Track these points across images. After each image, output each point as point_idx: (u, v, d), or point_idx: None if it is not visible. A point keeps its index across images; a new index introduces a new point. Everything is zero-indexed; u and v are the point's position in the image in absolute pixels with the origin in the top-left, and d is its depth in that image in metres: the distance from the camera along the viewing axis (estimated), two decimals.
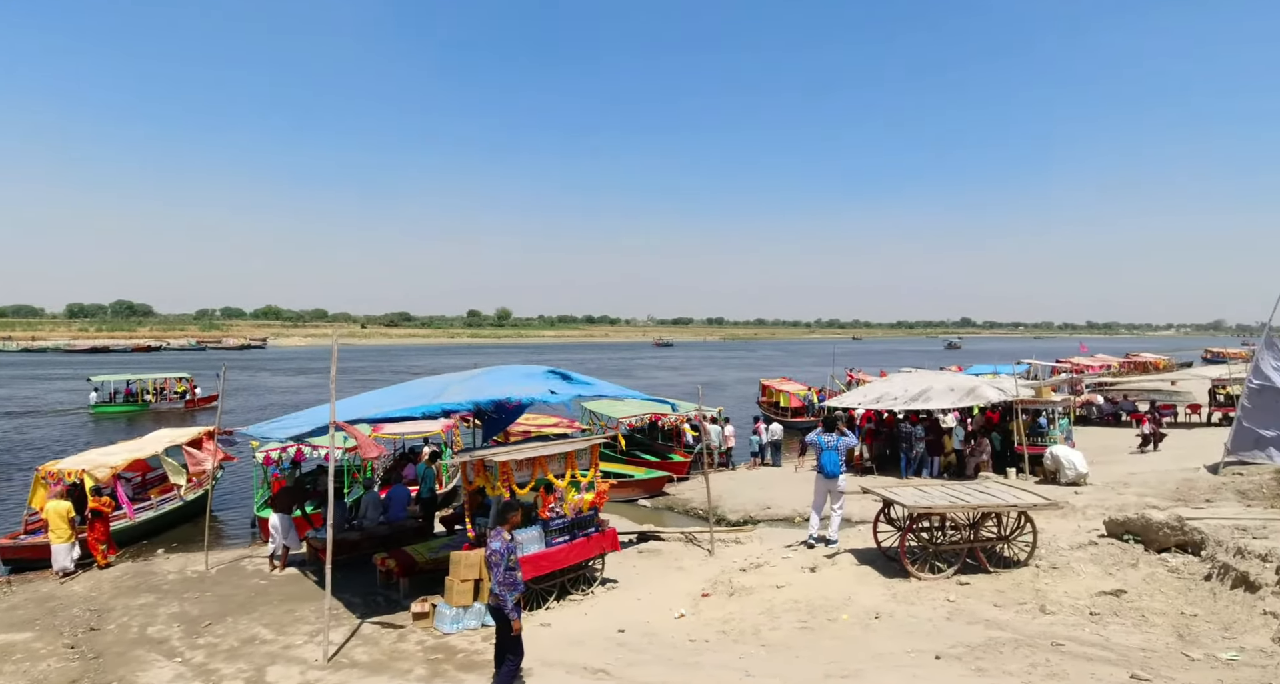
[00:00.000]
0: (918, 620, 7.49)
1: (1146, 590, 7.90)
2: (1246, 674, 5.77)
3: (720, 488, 17.66)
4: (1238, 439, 14.75)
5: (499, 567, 6.09)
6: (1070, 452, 15.69)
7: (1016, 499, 8.96)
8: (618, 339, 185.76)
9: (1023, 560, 8.96)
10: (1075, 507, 12.41)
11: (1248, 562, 7.70)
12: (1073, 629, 7.04)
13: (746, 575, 9.63)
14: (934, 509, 8.68)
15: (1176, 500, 12.73)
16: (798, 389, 29.47)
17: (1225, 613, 7.18)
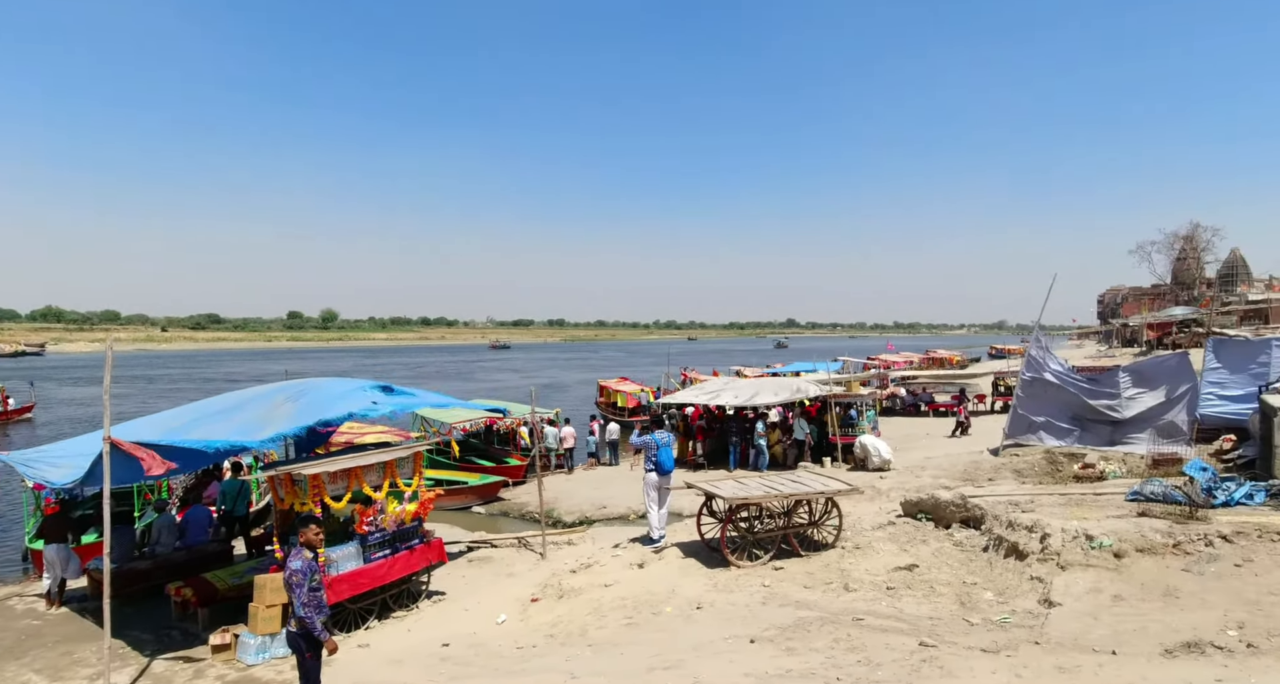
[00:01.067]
0: (736, 607, 7.82)
1: (935, 563, 8.72)
2: (1017, 634, 6.47)
3: (557, 489, 17.62)
4: (1014, 424, 16.65)
5: (300, 588, 5.66)
6: (876, 440, 17.06)
7: (824, 487, 9.63)
8: (455, 341, 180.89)
9: (831, 543, 9.64)
10: (880, 490, 13.51)
11: (1017, 533, 8.66)
12: (872, 604, 7.64)
13: (576, 576, 9.65)
14: (751, 500, 9.13)
15: (964, 480, 14.17)
16: (634, 389, 30.02)
17: (1000, 580, 8.05)
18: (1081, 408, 15.84)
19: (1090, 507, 9.26)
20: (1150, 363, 16.73)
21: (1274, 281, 55.50)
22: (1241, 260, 65.58)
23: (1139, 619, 6.22)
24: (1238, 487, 8.78)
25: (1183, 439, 14.00)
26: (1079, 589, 6.97)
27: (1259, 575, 6.50)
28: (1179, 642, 5.62)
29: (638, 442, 11.16)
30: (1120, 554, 7.30)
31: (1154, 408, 14.99)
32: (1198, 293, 62.62)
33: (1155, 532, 7.53)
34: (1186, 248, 66.03)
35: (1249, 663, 5.08)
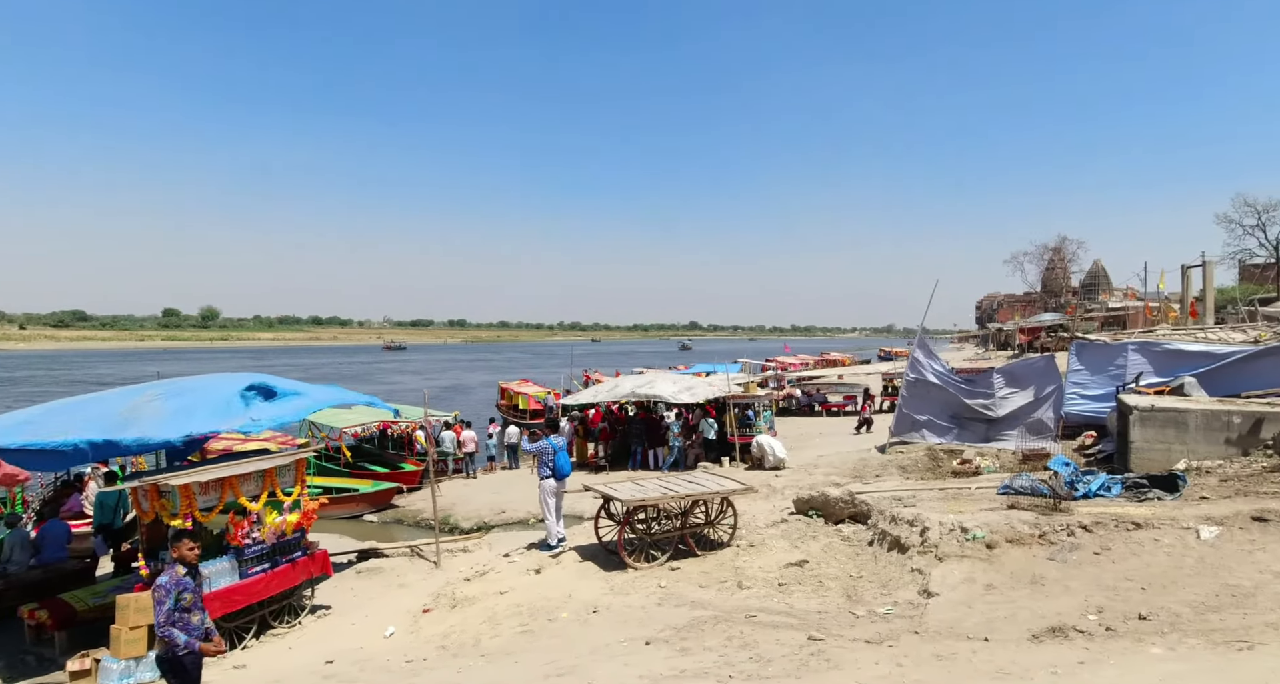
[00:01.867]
0: (632, 609, 7.80)
1: (824, 559, 8.98)
2: (898, 624, 6.72)
3: (454, 495, 17.17)
4: (899, 423, 17.42)
5: (161, 605, 5.22)
6: (772, 440, 17.49)
7: (720, 487, 9.77)
8: (348, 342, 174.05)
9: (726, 542, 9.78)
10: (775, 488, 13.83)
11: (900, 527, 9.02)
12: (764, 600, 7.79)
13: (471, 585, 9.39)
14: (648, 502, 9.15)
15: (854, 477, 14.70)
16: (536, 391, 29.69)
17: (884, 573, 8.36)
18: (960, 407, 16.73)
19: (966, 500, 9.78)
20: (1021, 365, 17.88)
21: (1131, 291, 60.60)
22: (1103, 271, 71.26)
23: (1009, 606, 6.57)
24: (1097, 480, 9.47)
25: (1049, 436, 15.03)
26: (955, 579, 7.31)
27: (1115, 562, 7.01)
28: (1045, 627, 5.96)
29: (532, 448, 10.87)
30: (992, 545, 7.72)
31: (1024, 407, 16.00)
32: (1064, 300, 67.57)
33: (1023, 523, 8.00)
34: (1055, 258, 71.27)
35: (1107, 645, 5.44)
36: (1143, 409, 11.29)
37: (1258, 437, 10.47)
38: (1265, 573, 6.27)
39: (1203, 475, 9.57)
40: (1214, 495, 8.52)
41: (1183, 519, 7.52)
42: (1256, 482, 8.82)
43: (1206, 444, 10.79)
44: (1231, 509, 7.63)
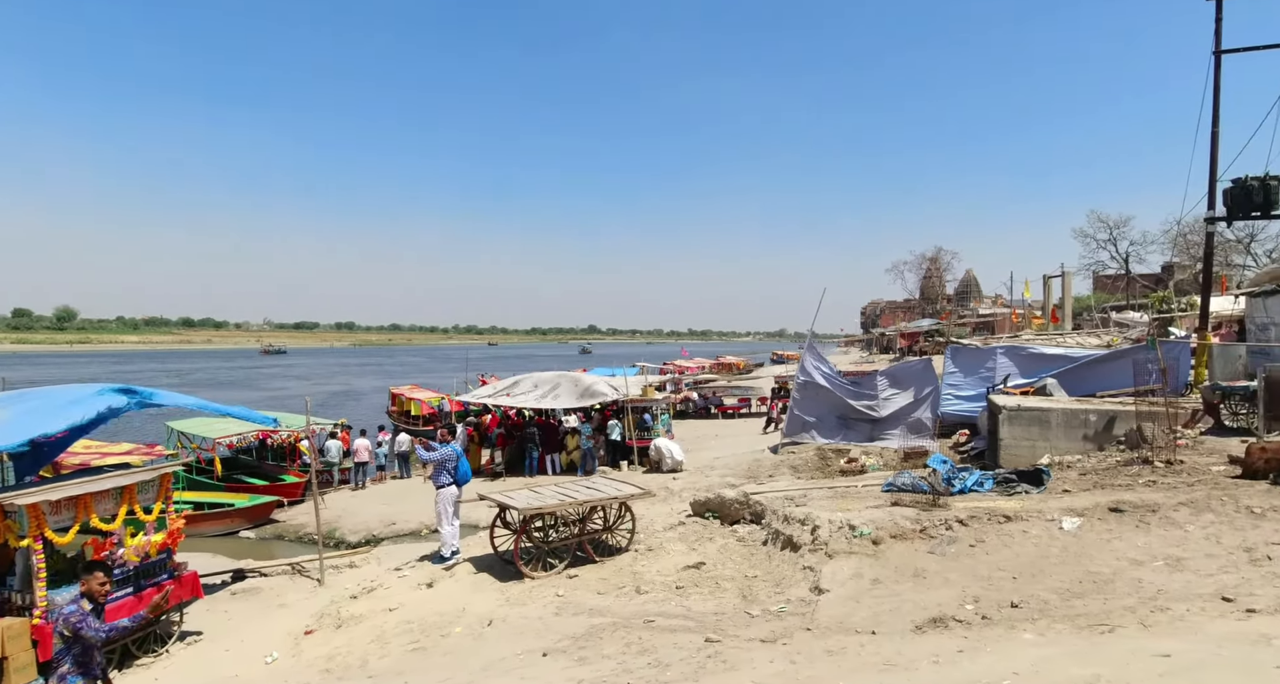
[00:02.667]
0: (529, 620, 7.63)
1: (720, 560, 9.09)
2: (792, 622, 6.85)
3: (341, 507, 16.39)
4: (790, 424, 17.94)
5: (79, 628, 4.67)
6: (670, 443, 17.65)
7: (618, 492, 9.73)
8: (223, 345, 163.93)
9: (625, 546, 9.75)
10: (673, 491, 13.94)
11: (792, 526, 9.25)
12: (662, 604, 7.79)
13: (358, 602, 8.94)
14: (545, 509, 8.99)
15: (749, 478, 15.01)
16: (430, 396, 28.78)
17: (777, 571, 8.54)
18: (847, 408, 17.39)
19: (854, 498, 10.14)
20: (902, 367, 18.80)
21: (999, 298, 65.20)
22: (974, 280, 76.53)
23: (894, 600, 6.83)
24: (971, 476, 10.03)
25: (928, 434, 15.84)
26: (844, 575, 7.54)
27: (989, 554, 7.42)
28: (927, 618, 6.22)
29: (435, 456, 10.41)
30: (878, 541, 8.02)
31: (905, 407, 16.80)
32: (940, 307, 71.99)
33: (906, 519, 8.36)
34: (932, 268, 75.92)
35: (984, 633, 5.73)
36: (1010, 409, 12.07)
37: (1111, 433, 11.39)
38: (1122, 560, 6.79)
39: (1064, 470, 10.30)
40: (1075, 488, 9.18)
41: (1048, 512, 8.05)
42: (1112, 475, 9.57)
43: (1067, 440, 11.63)
44: (1091, 501, 8.24)
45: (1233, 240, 38.17)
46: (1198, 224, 21.05)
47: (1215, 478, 8.71)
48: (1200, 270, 20.81)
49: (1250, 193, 15.22)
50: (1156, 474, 9.21)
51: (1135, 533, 7.28)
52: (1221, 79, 15.84)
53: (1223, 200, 15.76)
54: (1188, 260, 43.48)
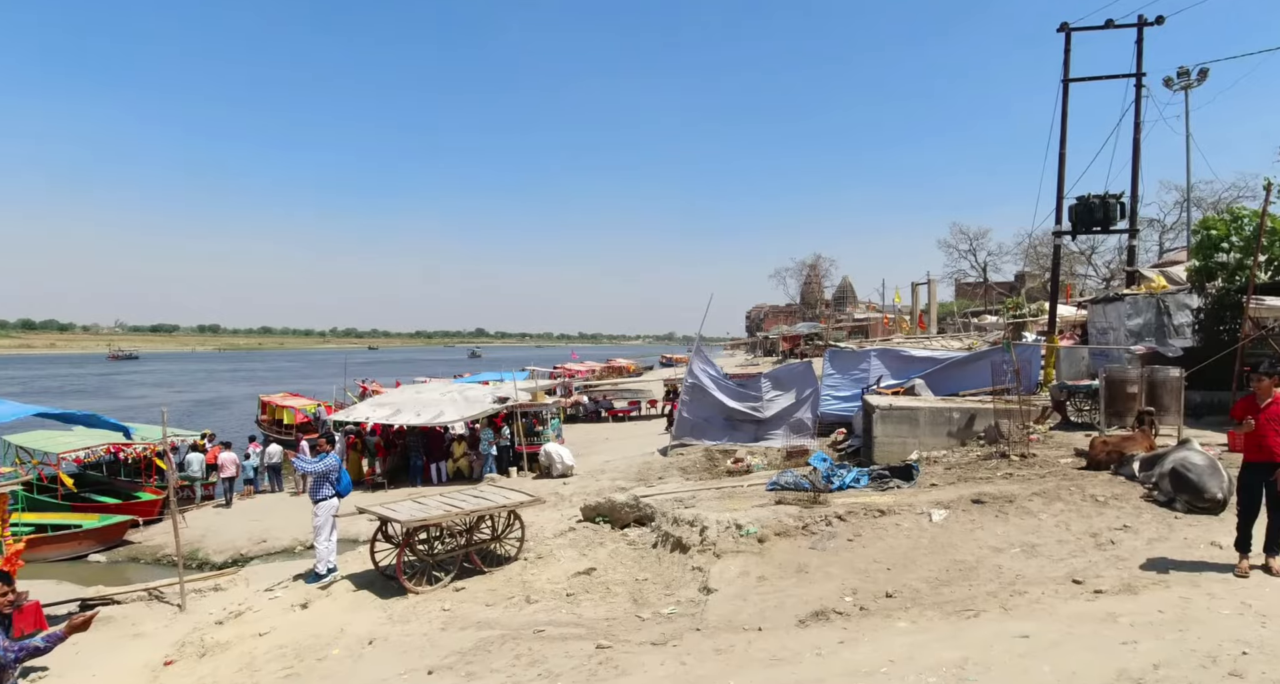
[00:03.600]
0: (413, 637, 7.33)
1: (611, 565, 9.07)
2: (681, 623, 6.91)
3: (204, 525, 15.28)
4: (679, 426, 18.19)
5: None
6: (560, 447, 17.51)
7: (506, 499, 9.53)
8: (69, 350, 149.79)
9: (514, 555, 9.55)
10: (563, 496, 13.81)
11: (681, 528, 9.34)
12: (552, 613, 7.68)
13: (224, 628, 8.34)
14: (430, 520, 8.68)
15: (639, 481, 15.08)
16: (304, 404, 27.31)
17: (667, 573, 8.59)
18: (733, 410, 17.82)
19: (740, 498, 10.37)
20: (784, 369, 19.46)
21: (872, 304, 68.85)
22: (850, 286, 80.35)
23: (779, 596, 7.03)
24: (850, 473, 10.49)
25: (809, 434, 16.48)
26: (731, 574, 7.69)
27: (866, 547, 7.76)
28: (810, 612, 6.44)
29: (319, 466, 9.82)
30: (763, 539, 8.23)
31: (787, 408, 17.40)
32: (819, 311, 75.16)
33: (788, 517, 8.63)
34: (811, 274, 79.25)
35: (862, 623, 5.99)
36: (883, 408, 12.72)
37: (972, 429, 12.22)
38: (984, 548, 7.27)
39: (932, 465, 10.95)
40: (941, 482, 9.77)
41: (918, 505, 8.52)
42: (974, 468, 10.25)
43: (934, 437, 12.39)
44: (955, 494, 8.78)
45: (1077, 252, 41.91)
46: (1047, 237, 23.02)
47: (1064, 469, 9.49)
48: (1049, 279, 22.69)
49: (1092, 209, 16.79)
50: (1013, 467, 9.94)
51: (995, 522, 7.82)
52: (1069, 105, 17.39)
53: (1069, 216, 17.31)
54: (1038, 270, 47.41)
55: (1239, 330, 11.24)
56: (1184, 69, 27.11)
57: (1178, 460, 7.73)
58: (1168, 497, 7.64)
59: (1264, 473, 5.77)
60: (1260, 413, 5.79)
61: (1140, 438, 9.29)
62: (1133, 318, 16.43)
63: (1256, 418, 5.79)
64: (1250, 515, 5.86)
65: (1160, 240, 39.39)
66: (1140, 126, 17.47)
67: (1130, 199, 17.27)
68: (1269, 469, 5.74)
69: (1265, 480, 5.76)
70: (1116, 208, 16.77)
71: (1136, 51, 17.32)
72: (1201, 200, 35.37)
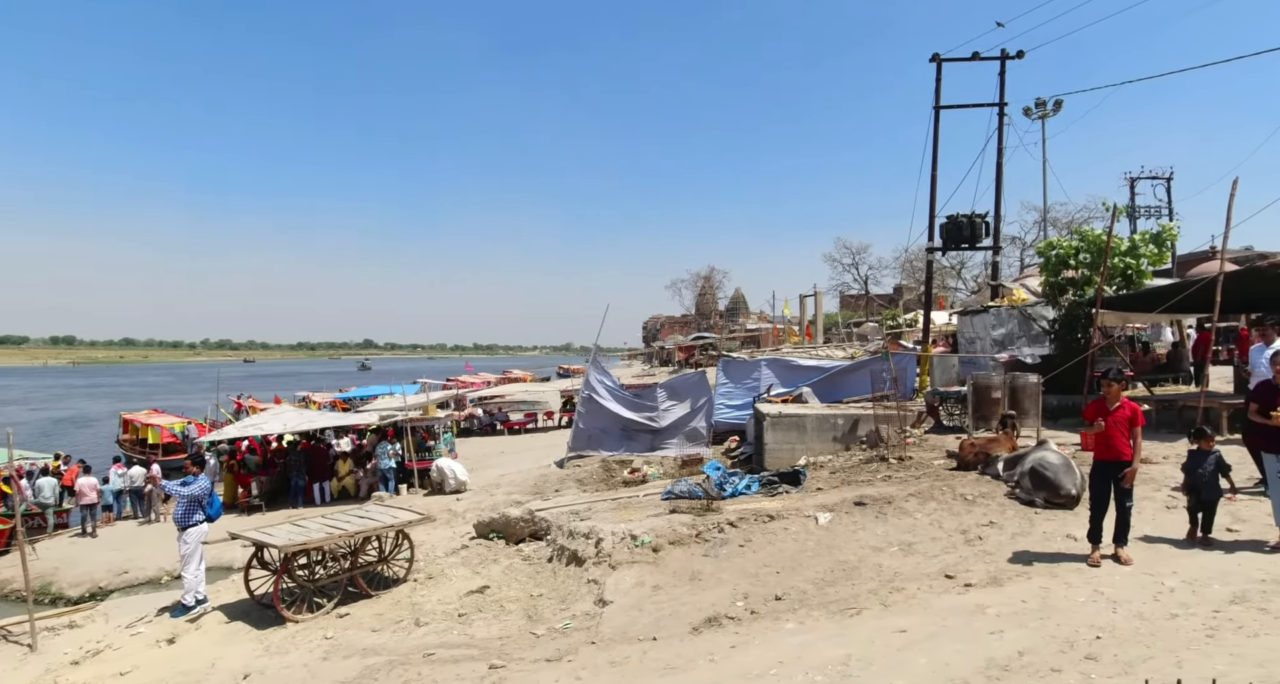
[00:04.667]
0: (292, 669, 6.93)
1: (505, 582, 8.90)
2: (577, 638, 6.85)
3: (58, 556, 13.95)
4: (576, 438, 18.11)
5: None
6: (453, 463, 17.07)
7: (394, 519, 9.19)
8: None
9: (403, 577, 9.22)
10: (456, 513, 13.45)
11: (577, 540, 9.29)
12: (443, 635, 7.45)
13: (80, 669, 7.65)
14: (311, 544, 8.25)
15: (535, 494, 14.89)
16: (171, 422, 25.44)
17: (563, 587, 8.52)
18: (629, 420, 17.92)
19: (636, 508, 10.42)
20: (679, 379, 19.74)
21: (763, 314, 71.09)
22: (743, 297, 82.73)
23: (673, 604, 7.09)
24: (742, 480, 10.73)
25: (703, 442, 16.78)
26: (626, 585, 7.71)
27: (756, 552, 7.96)
28: (703, 618, 6.53)
29: (193, 490, 9.12)
30: (658, 549, 8.30)
31: (683, 417, 17.66)
32: (713, 322, 76.91)
33: (682, 525, 8.74)
34: (705, 286, 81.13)
35: (753, 626, 6.12)
36: (773, 416, 13.12)
37: (855, 434, 12.77)
38: (865, 548, 7.60)
39: (818, 469, 11.37)
40: (826, 486, 10.16)
41: (805, 508, 8.82)
42: (856, 472, 10.71)
43: (820, 442, 12.87)
44: (840, 497, 9.15)
45: (948, 266, 44.81)
46: (921, 252, 24.48)
47: (937, 471, 10.06)
48: (923, 292, 24.10)
49: (960, 228, 17.98)
50: (891, 470, 10.45)
51: (875, 523, 8.19)
52: (940, 130, 18.57)
53: (940, 233, 18.45)
54: (914, 283, 50.36)
55: (1089, 339, 12.28)
56: (1041, 100, 29.63)
57: (1036, 460, 8.35)
58: (1028, 494, 8.23)
59: (1112, 470, 6.31)
60: (1109, 415, 6.34)
61: (1004, 439, 9.97)
62: (997, 328, 17.68)
63: (1106, 420, 6.33)
64: (1101, 509, 6.38)
65: (1021, 256, 42.71)
66: (1003, 151, 18.84)
67: (994, 218, 18.60)
68: (1117, 467, 6.28)
69: (1113, 477, 6.30)
70: (982, 226, 18.03)
71: (1000, 83, 18.71)
72: (1057, 220, 38.69)
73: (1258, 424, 6.18)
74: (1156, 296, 12.11)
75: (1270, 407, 6.04)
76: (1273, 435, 6.14)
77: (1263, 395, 6.24)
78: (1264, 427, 6.13)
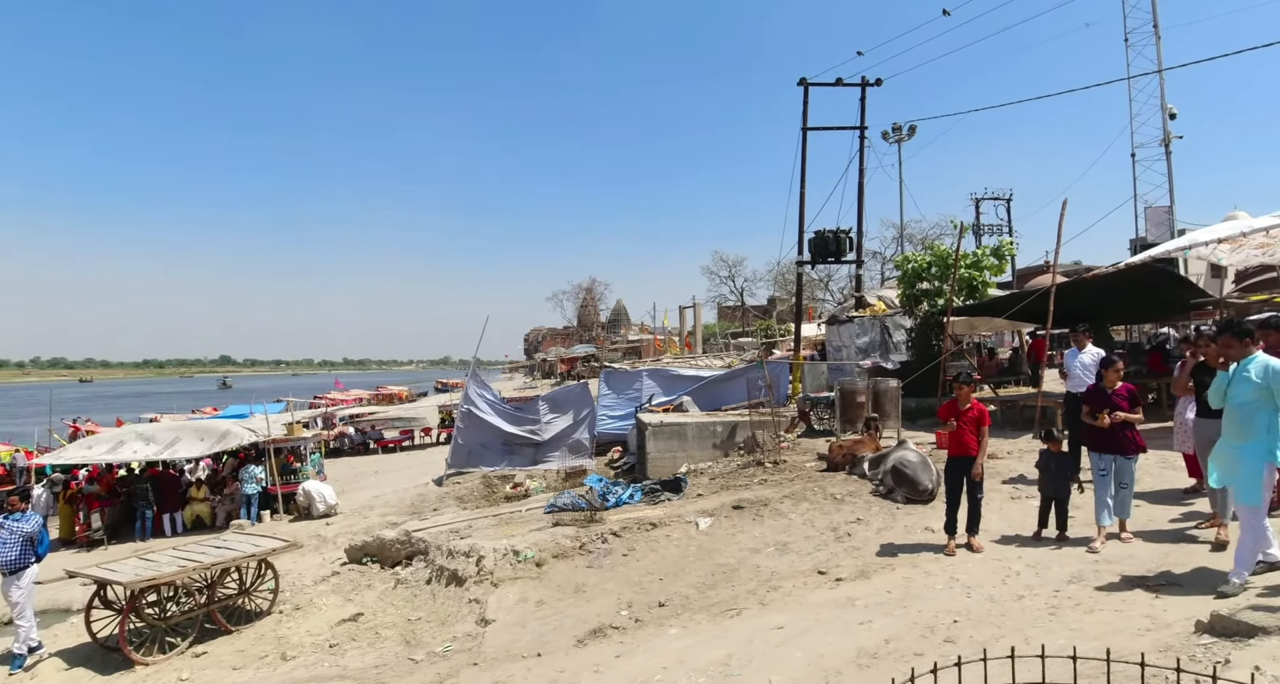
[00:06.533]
0: None
1: (380, 607, 8.51)
2: (458, 660, 6.63)
3: None
4: (455, 454, 17.63)
5: None
6: (321, 485, 16.17)
7: (255, 547, 8.60)
8: None
9: (267, 609, 8.63)
10: (326, 538, 12.75)
11: (457, 560, 9.00)
12: (313, 668, 7.03)
13: None
14: (160, 579, 7.57)
15: (412, 514, 14.35)
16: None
17: (443, 609, 8.23)
18: (510, 434, 17.65)
19: (518, 523, 10.26)
20: (561, 391, 19.67)
21: (644, 326, 72.10)
22: (624, 309, 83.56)
23: (558, 618, 7.01)
24: (625, 490, 10.79)
25: (586, 454, 16.75)
26: (509, 602, 7.56)
27: (639, 560, 8.01)
28: (588, 630, 6.48)
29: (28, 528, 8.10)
30: (541, 563, 8.20)
31: (565, 429, 17.58)
32: (595, 333, 77.20)
33: (566, 538, 8.68)
34: (587, 297, 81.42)
35: (638, 634, 6.14)
36: (654, 425, 13.30)
37: (734, 441, 13.15)
38: (744, 550, 7.81)
39: (699, 476, 11.61)
40: (707, 491, 10.39)
41: (686, 515, 8.98)
42: (735, 477, 11.02)
43: (700, 449, 13.16)
44: (719, 502, 9.37)
45: (817, 279, 47.12)
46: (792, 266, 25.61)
47: (809, 473, 10.51)
48: (794, 303, 25.19)
49: (826, 243, 18.96)
50: (767, 473, 10.82)
51: (753, 525, 8.45)
52: (808, 150, 19.53)
53: (809, 248, 19.38)
54: (785, 295, 52.60)
55: (941, 346, 13.23)
56: (897, 124, 31.83)
57: (897, 459, 8.89)
58: (890, 490, 8.75)
59: (964, 466, 6.81)
60: (961, 415, 6.84)
61: (868, 441, 10.55)
62: (860, 337, 18.75)
63: (958, 419, 6.83)
64: (955, 502, 6.87)
65: (882, 270, 45.54)
66: (864, 172, 20.09)
67: (857, 234, 19.76)
68: (968, 462, 6.78)
69: (965, 472, 6.80)
70: (846, 241, 19.10)
71: (860, 108, 19.96)
72: (913, 236, 41.56)
73: (1089, 425, 6.58)
74: (999, 306, 13.24)
75: (1099, 410, 6.47)
76: (1101, 436, 6.48)
77: (1092, 399, 6.67)
78: (1093, 427, 6.53)
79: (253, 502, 16.01)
